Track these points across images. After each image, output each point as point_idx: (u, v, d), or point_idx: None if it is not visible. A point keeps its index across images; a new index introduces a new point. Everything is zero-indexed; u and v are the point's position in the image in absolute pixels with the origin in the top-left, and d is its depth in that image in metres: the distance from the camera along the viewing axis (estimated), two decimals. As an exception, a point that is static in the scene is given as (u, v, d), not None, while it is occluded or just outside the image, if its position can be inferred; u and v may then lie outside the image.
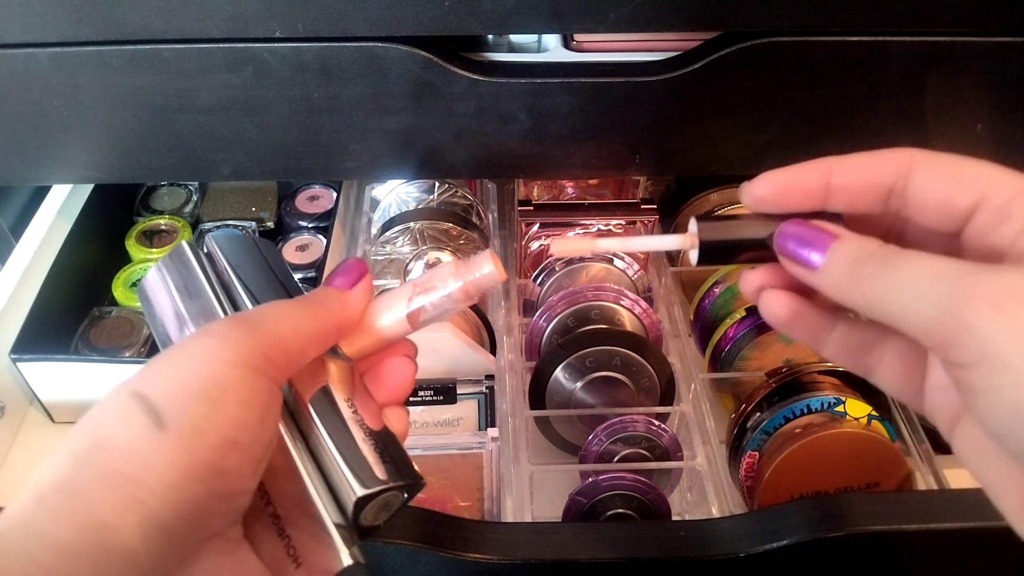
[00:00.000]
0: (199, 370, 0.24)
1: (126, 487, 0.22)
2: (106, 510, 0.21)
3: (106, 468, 0.22)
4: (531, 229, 0.65)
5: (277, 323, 0.27)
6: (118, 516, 0.21)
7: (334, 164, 0.50)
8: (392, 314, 0.30)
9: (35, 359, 0.56)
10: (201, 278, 0.30)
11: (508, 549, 0.43)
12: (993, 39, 0.44)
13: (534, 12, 0.42)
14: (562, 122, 0.47)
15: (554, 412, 0.58)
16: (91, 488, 0.22)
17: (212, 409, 0.23)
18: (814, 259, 0.26)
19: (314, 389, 0.29)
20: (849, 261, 0.25)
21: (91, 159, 0.50)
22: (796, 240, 0.26)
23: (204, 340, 0.25)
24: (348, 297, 0.30)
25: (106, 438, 0.23)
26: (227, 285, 0.30)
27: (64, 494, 0.22)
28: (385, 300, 0.31)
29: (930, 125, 0.49)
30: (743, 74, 0.46)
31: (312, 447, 0.28)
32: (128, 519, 0.21)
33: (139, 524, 0.21)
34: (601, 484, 0.50)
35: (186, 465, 0.23)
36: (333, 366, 0.30)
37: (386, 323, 0.30)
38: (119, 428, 0.23)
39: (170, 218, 0.70)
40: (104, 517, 0.21)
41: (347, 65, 0.44)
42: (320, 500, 0.27)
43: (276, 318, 0.27)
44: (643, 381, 0.56)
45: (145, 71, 0.45)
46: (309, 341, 0.28)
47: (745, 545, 0.43)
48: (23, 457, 0.58)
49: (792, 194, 0.27)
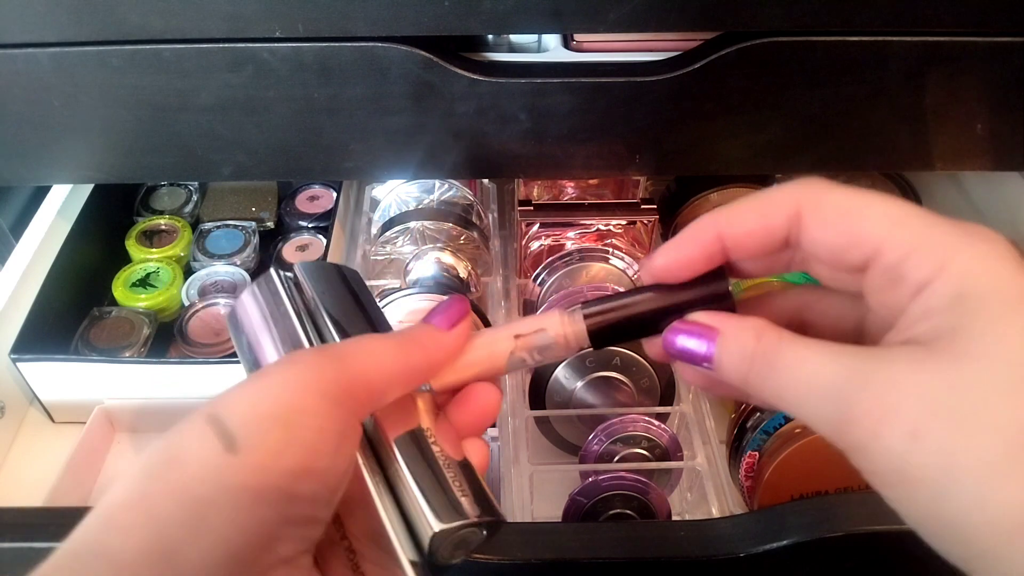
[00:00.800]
0: (278, 395, 0.24)
1: (196, 508, 0.21)
2: (175, 531, 0.21)
3: (178, 485, 0.22)
4: (531, 229, 0.65)
5: (365, 358, 0.26)
6: (187, 538, 0.21)
7: (334, 164, 0.50)
8: (491, 359, 0.29)
9: (35, 359, 0.56)
10: (288, 306, 0.30)
11: (508, 549, 0.43)
12: (993, 39, 0.44)
13: (534, 12, 0.42)
14: (562, 122, 0.47)
15: (554, 412, 0.57)
16: (162, 507, 0.21)
17: (287, 434, 0.23)
18: (704, 361, 0.26)
19: (396, 421, 0.28)
20: (734, 364, 0.25)
21: (91, 159, 0.50)
22: (681, 349, 0.26)
23: (286, 368, 0.25)
24: (445, 338, 0.28)
25: (179, 457, 0.22)
26: (313, 314, 0.30)
27: (134, 512, 0.21)
28: (485, 342, 0.30)
29: (930, 125, 0.49)
30: (743, 74, 0.46)
31: (391, 481, 0.27)
32: (197, 542, 0.21)
33: (208, 547, 0.21)
34: (601, 484, 0.50)
35: (258, 489, 0.22)
36: (418, 398, 0.29)
37: (483, 367, 0.29)
38: (193, 449, 0.22)
39: (170, 218, 0.70)
40: (173, 538, 0.21)
41: (347, 65, 0.44)
42: (395, 535, 0.26)
43: (364, 353, 0.26)
44: (643, 381, 0.56)
45: (145, 71, 0.45)
46: (396, 380, 0.27)
47: (745, 545, 0.43)
48: (23, 457, 0.58)
49: (689, 263, 0.27)
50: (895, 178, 0.77)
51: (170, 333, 0.62)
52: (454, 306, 0.29)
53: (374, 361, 0.26)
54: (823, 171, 0.75)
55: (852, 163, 0.52)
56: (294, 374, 0.24)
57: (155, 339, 0.61)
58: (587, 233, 0.64)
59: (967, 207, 0.75)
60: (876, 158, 0.51)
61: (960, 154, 0.51)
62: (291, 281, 0.31)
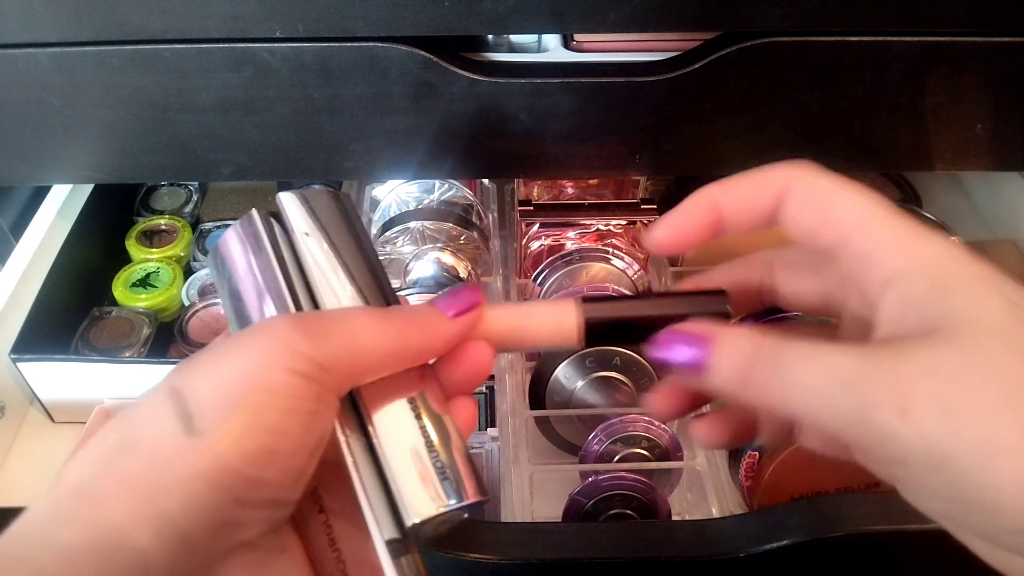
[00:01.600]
0: (246, 372, 0.22)
1: (146, 493, 0.21)
2: (121, 517, 0.20)
3: (129, 472, 0.21)
4: (531, 229, 0.64)
5: (351, 333, 0.24)
6: (133, 524, 0.20)
7: (334, 164, 0.50)
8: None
9: (35, 359, 0.56)
10: (270, 254, 0.27)
11: (508, 549, 0.43)
12: (993, 39, 0.44)
13: (534, 12, 0.42)
14: (562, 122, 0.47)
15: (554, 412, 0.57)
16: (110, 492, 0.21)
17: (249, 416, 0.22)
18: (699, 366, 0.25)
19: (379, 391, 0.26)
20: (734, 368, 0.24)
21: (91, 159, 0.50)
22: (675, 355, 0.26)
23: (254, 338, 0.23)
24: (446, 326, 0.26)
25: (135, 439, 0.22)
26: (302, 259, 0.27)
27: (81, 497, 0.21)
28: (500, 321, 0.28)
29: (930, 125, 0.49)
30: (743, 74, 0.46)
31: (373, 448, 0.26)
32: (144, 527, 0.20)
33: (156, 533, 0.20)
34: (601, 484, 0.50)
35: (213, 474, 0.21)
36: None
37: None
38: (150, 429, 0.22)
39: (170, 218, 0.70)
40: (118, 524, 0.20)
41: (347, 65, 0.44)
42: (374, 518, 0.25)
43: (351, 328, 0.24)
44: (643, 381, 0.56)
45: (145, 71, 0.45)
46: (384, 361, 0.25)
47: (745, 545, 0.43)
48: (23, 457, 0.58)
49: (689, 233, 0.27)
50: (895, 178, 0.77)
51: (170, 333, 0.62)
52: (465, 294, 0.27)
53: (362, 338, 0.24)
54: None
55: (852, 163, 0.52)
56: (261, 347, 0.23)
57: (155, 339, 0.61)
58: (587, 233, 0.64)
59: (967, 207, 0.75)
60: (876, 158, 0.51)
61: (960, 154, 0.51)
62: (276, 220, 0.28)
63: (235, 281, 0.27)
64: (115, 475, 0.21)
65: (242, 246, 0.27)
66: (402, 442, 0.25)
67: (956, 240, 0.23)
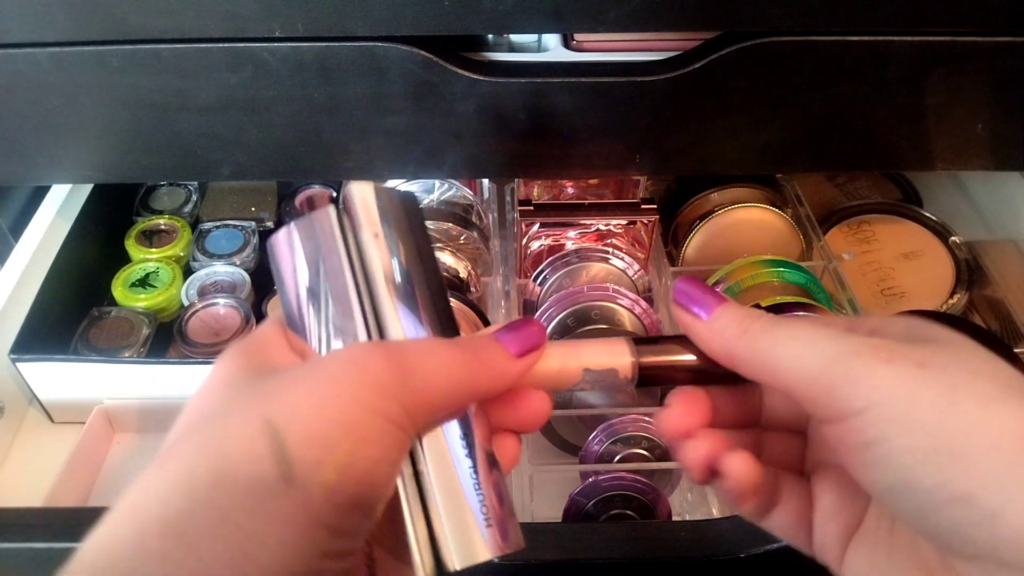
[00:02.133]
0: (339, 414, 0.22)
1: (239, 541, 0.20)
2: (215, 567, 0.20)
3: (223, 516, 0.20)
4: (531, 229, 0.64)
5: (430, 371, 0.24)
6: (224, 572, 0.20)
7: (334, 164, 0.50)
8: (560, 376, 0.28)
9: (35, 359, 0.56)
10: (344, 264, 0.26)
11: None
12: (993, 39, 0.44)
13: (534, 12, 0.42)
14: (562, 122, 0.47)
15: (554, 412, 0.57)
16: (203, 536, 0.20)
17: (345, 467, 0.21)
18: (706, 307, 0.27)
19: (434, 431, 0.26)
20: (738, 317, 0.26)
21: (91, 159, 0.50)
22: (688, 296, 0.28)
23: (349, 372, 0.23)
24: (512, 367, 0.26)
25: (230, 476, 0.21)
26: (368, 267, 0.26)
27: (173, 540, 0.20)
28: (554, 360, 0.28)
29: (930, 125, 0.49)
30: (743, 74, 0.46)
31: (421, 483, 0.25)
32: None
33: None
34: (601, 484, 0.50)
35: (306, 526, 0.21)
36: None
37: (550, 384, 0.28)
38: (246, 468, 0.21)
39: (170, 218, 0.70)
40: (212, 571, 0.20)
41: (347, 65, 0.44)
42: (420, 558, 0.25)
43: (431, 364, 0.24)
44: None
45: (145, 71, 0.45)
46: (454, 404, 0.25)
47: (745, 545, 0.43)
48: (23, 457, 0.58)
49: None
50: (895, 178, 0.77)
51: (169, 333, 0.62)
52: (531, 333, 0.27)
53: (440, 379, 0.24)
54: (823, 170, 0.76)
55: (852, 163, 0.52)
56: (353, 384, 0.22)
57: (154, 339, 0.61)
58: (587, 233, 0.64)
59: (967, 207, 0.75)
60: (876, 158, 0.51)
61: (960, 154, 0.51)
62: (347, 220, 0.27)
63: (303, 277, 0.27)
64: (208, 516, 0.20)
65: (313, 243, 0.27)
66: (453, 482, 0.25)
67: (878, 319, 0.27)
